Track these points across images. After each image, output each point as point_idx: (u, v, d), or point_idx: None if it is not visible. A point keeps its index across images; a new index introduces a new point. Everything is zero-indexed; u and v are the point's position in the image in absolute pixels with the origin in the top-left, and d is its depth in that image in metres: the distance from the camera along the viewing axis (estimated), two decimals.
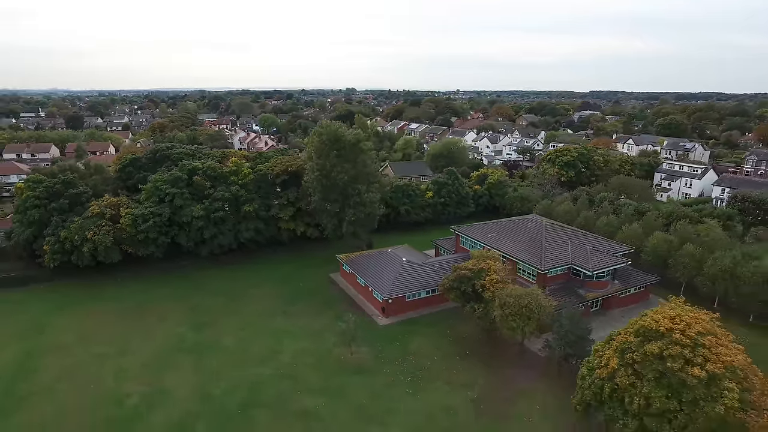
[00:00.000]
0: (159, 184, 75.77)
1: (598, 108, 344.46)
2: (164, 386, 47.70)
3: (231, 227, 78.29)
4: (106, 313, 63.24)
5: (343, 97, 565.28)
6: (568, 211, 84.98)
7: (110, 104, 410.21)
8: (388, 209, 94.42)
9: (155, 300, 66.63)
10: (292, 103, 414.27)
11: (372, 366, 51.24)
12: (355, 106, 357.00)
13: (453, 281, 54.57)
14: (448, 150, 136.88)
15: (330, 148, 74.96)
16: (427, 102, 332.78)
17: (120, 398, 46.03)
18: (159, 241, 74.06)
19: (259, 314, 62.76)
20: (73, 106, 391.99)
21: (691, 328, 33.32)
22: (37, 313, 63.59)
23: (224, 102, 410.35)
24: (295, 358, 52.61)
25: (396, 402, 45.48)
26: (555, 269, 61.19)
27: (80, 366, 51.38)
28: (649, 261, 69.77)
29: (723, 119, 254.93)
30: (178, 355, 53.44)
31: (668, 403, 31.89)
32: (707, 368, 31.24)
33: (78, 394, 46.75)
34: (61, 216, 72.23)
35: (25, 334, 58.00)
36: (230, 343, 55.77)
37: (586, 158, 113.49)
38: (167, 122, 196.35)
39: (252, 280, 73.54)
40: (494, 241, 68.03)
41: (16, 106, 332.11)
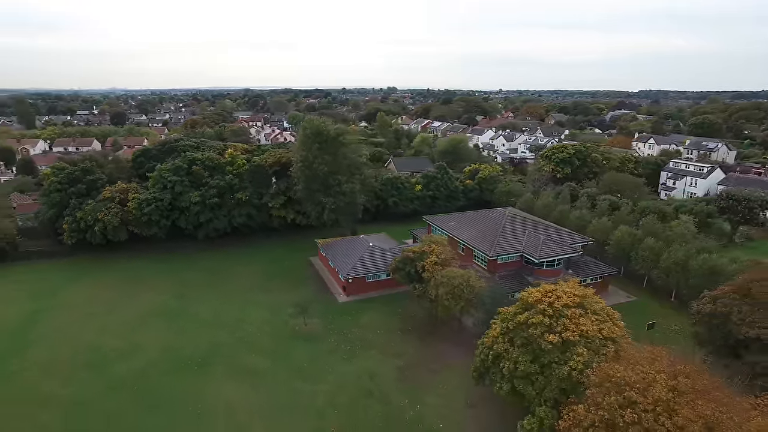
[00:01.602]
0: (163, 173, 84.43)
1: (635, 107, 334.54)
2: (137, 342, 55.38)
3: (226, 213, 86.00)
4: (108, 282, 72.25)
5: (381, 96, 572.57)
6: (546, 205, 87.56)
7: (158, 102, 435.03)
8: (377, 201, 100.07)
9: (151, 273, 75.19)
10: (327, 101, 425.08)
11: (320, 335, 57.04)
12: (387, 104, 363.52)
13: (399, 262, 59.53)
14: (454, 147, 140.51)
15: (312, 141, 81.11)
16: (457, 101, 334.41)
17: (98, 348, 54.03)
18: (161, 223, 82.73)
19: (236, 289, 69.84)
20: (125, 104, 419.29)
21: (560, 300, 37.09)
22: (53, 280, 73.40)
23: (263, 100, 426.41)
24: (255, 327, 59.18)
25: (331, 365, 51.07)
26: (505, 256, 64.81)
27: (74, 322, 60.03)
28: (613, 254, 72.00)
29: (766, 118, 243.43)
30: (156, 318, 61.19)
31: (531, 367, 35.87)
32: (563, 335, 35.06)
33: (67, 343, 55.18)
34: (78, 199, 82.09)
35: (40, 297, 67.60)
36: (204, 312, 63.06)
37: (583, 155, 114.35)
38: (200, 119, 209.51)
39: (240, 260, 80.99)
40: (454, 229, 72.25)
41: (74, 105, 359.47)
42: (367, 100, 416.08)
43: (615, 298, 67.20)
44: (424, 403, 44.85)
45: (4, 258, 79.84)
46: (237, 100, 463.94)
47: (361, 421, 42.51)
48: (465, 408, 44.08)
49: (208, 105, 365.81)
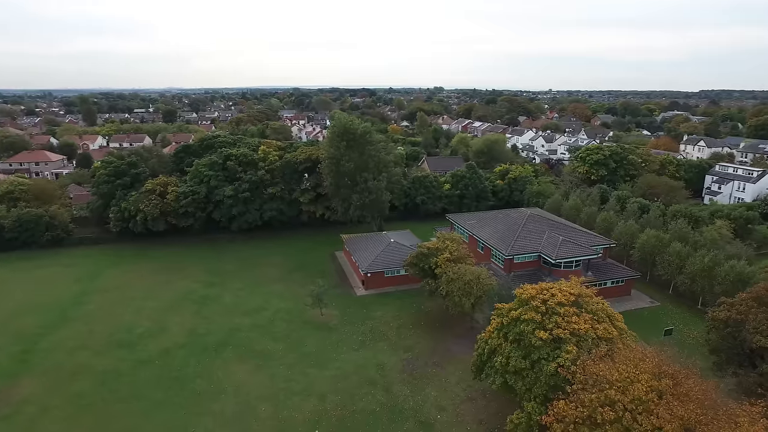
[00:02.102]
0: (200, 167, 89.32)
1: (690, 108, 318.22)
2: (166, 324, 59.44)
3: (257, 207, 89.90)
4: (145, 269, 77.47)
5: (426, 95, 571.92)
6: (573, 207, 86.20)
7: (208, 101, 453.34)
8: (405, 199, 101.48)
9: (184, 262, 79.88)
10: (371, 101, 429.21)
11: (334, 325, 59.19)
12: (431, 104, 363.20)
13: (414, 258, 60.72)
14: (488, 147, 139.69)
15: (340, 138, 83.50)
16: (502, 101, 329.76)
17: (132, 328, 58.43)
18: (197, 215, 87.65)
19: (262, 279, 73.21)
20: (179, 102, 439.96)
21: (554, 298, 37.33)
22: (98, 265, 79.47)
23: (309, 99, 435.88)
24: (274, 314, 62.09)
25: (339, 354, 53.08)
26: (522, 256, 64.73)
27: (113, 304, 65.00)
28: (638, 258, 70.27)
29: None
30: (186, 303, 65.24)
31: (522, 363, 36.36)
32: (554, 332, 35.37)
33: (105, 322, 59.98)
34: (123, 190, 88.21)
35: (85, 279, 73.50)
36: (228, 299, 66.65)
37: (619, 157, 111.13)
38: (245, 117, 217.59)
39: (268, 252, 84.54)
40: (474, 227, 72.63)
41: (133, 103, 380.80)
42: (411, 100, 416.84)
43: (637, 302, 65.76)
44: (425, 394, 46.00)
45: (60, 243, 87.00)
46: (284, 99, 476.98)
47: (361, 407, 44.19)
48: (464, 401, 44.88)
49: (256, 103, 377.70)
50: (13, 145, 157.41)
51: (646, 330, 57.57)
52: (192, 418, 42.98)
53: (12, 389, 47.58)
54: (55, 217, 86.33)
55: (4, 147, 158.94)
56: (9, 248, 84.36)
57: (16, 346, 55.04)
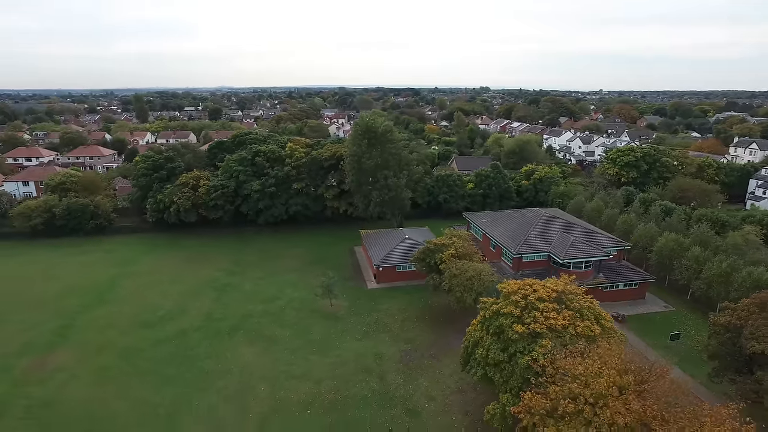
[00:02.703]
0: (230, 163, 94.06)
1: (749, 109, 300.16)
2: (186, 307, 63.75)
3: (283, 201, 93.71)
4: (176, 257, 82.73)
5: (472, 95, 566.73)
6: (595, 209, 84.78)
7: (255, 100, 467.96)
8: (429, 197, 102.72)
9: (211, 252, 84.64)
10: (413, 100, 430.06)
11: (341, 316, 61.60)
12: (473, 104, 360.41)
13: (421, 253, 62.19)
14: (520, 147, 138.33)
15: (362, 136, 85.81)
16: (545, 101, 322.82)
17: (156, 310, 63.08)
18: (226, 208, 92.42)
19: (280, 269, 76.66)
20: (228, 101, 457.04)
21: (535, 294, 38.07)
22: (133, 251, 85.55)
23: (353, 98, 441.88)
24: (286, 303, 65.21)
25: (342, 342, 55.40)
26: (531, 255, 64.81)
27: (142, 287, 70.16)
28: (656, 261, 68.72)
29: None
30: (208, 289, 69.48)
31: (500, 355, 37.33)
32: (530, 327, 36.17)
33: (133, 303, 65.04)
34: (160, 183, 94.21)
35: (121, 264, 79.46)
36: (247, 287, 70.41)
37: (652, 159, 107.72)
38: (285, 115, 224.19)
39: (290, 244, 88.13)
40: (487, 226, 73.14)
41: (184, 102, 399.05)
42: (453, 100, 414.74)
43: (651, 306, 64.54)
44: (417, 384, 47.55)
45: (102, 231, 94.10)
46: (328, 98, 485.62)
47: (353, 392, 46.28)
48: (454, 392, 46.11)
49: (300, 102, 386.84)
50: (72, 141, 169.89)
51: (655, 334, 56.81)
52: (197, 393, 46.44)
53: (48, 358, 52.84)
54: (99, 207, 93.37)
55: (65, 142, 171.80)
56: (60, 234, 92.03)
57: (57, 322, 60.71)
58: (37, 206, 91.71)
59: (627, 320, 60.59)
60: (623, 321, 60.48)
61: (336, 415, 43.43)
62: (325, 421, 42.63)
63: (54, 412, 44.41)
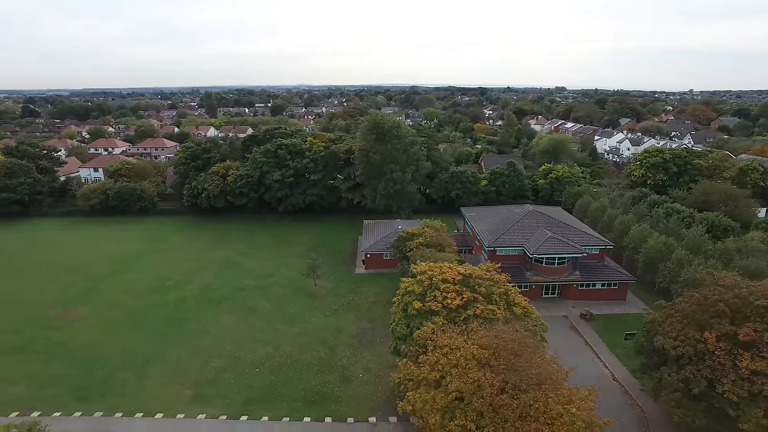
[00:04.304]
0: (256, 155, 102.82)
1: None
2: (192, 279, 72.39)
3: (301, 191, 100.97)
4: (200, 237, 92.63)
5: (542, 95, 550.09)
6: (599, 209, 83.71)
7: (325, 97, 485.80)
8: (443, 192, 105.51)
9: (231, 234, 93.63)
10: (477, 99, 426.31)
11: (321, 295, 67.18)
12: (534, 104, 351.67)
13: (395, 241, 66.21)
14: (553, 146, 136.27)
15: (371, 131, 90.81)
16: (612, 101, 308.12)
17: (166, 279, 72.30)
18: (250, 195, 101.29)
19: (285, 252, 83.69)
20: (301, 99, 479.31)
21: (442, 275, 41.28)
22: (166, 231, 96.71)
23: (417, 96, 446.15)
24: (278, 281, 71.91)
25: (311, 317, 60.99)
26: (505, 249, 66.47)
27: (163, 261, 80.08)
28: (643, 263, 67.71)
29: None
30: (215, 265, 77.93)
31: (405, 330, 41.07)
32: (427, 304, 39.58)
33: (150, 274, 74.83)
34: (196, 171, 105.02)
35: (152, 241, 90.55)
36: (250, 265, 78.03)
37: (683, 161, 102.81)
38: (339, 112, 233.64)
39: (302, 231, 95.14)
40: (473, 220, 75.31)
41: (256, 98, 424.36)
42: (517, 100, 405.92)
43: (628, 307, 64.13)
44: (361, 357, 51.99)
45: (146, 212, 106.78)
46: (395, 96, 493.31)
47: (303, 358, 51.68)
48: (389, 367, 49.95)
49: (364, 100, 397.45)
50: (144, 133, 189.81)
51: (616, 334, 56.83)
52: (173, 347, 54.11)
53: (70, 311, 63.19)
54: (145, 191, 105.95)
55: (139, 135, 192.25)
56: (111, 213, 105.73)
57: (85, 284, 71.62)
58: (96, 189, 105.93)
59: (594, 319, 60.89)
60: (591, 319, 60.89)
61: (280, 374, 49.10)
62: (269, 379, 48.42)
63: (62, 350, 54.00)
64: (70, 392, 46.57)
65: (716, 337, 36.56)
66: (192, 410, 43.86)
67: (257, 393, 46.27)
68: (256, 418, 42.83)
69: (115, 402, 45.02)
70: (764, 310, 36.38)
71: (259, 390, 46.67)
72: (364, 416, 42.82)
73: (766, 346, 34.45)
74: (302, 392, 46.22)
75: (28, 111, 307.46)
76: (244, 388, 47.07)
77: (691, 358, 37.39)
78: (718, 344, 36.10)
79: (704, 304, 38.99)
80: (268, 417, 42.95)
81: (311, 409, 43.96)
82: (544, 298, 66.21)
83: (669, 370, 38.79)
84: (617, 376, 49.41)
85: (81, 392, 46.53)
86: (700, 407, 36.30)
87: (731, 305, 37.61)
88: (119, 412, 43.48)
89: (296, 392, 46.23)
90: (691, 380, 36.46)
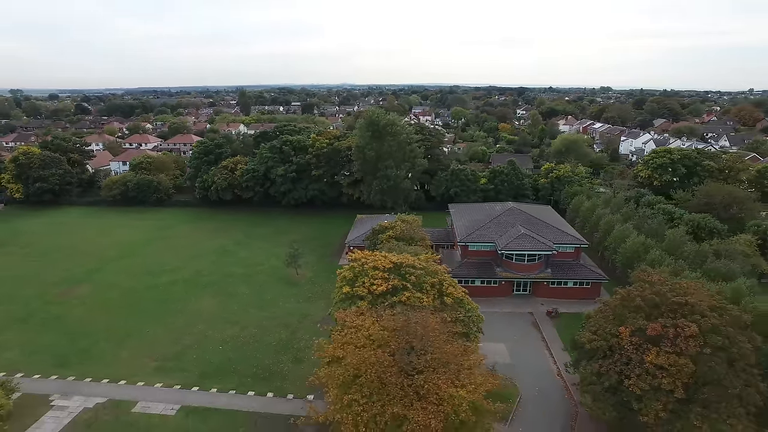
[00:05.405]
0: (263, 150, 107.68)
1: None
2: (185, 265, 77.54)
3: (304, 186, 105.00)
4: (205, 227, 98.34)
5: (580, 95, 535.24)
6: (589, 209, 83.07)
7: (361, 96, 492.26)
8: (443, 190, 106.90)
9: (234, 225, 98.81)
10: (512, 99, 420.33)
11: (300, 283, 70.67)
12: (566, 104, 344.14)
13: (371, 234, 68.66)
14: (566, 146, 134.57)
15: (366, 129, 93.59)
16: (650, 102, 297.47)
17: (163, 265, 77.79)
18: (256, 189, 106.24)
19: (279, 243, 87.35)
20: (339, 97, 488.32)
21: (375, 263, 43.62)
22: (176, 220, 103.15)
23: (450, 96, 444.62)
24: (264, 269, 75.98)
25: (285, 303, 64.52)
26: (477, 245, 67.64)
27: (166, 248, 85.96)
28: (621, 263, 67.28)
29: None
30: (211, 254, 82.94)
31: None
32: (354, 289, 42.13)
33: (150, 259, 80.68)
34: (208, 165, 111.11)
35: (161, 229, 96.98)
36: (243, 255, 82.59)
37: (692, 162, 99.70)
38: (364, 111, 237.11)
39: (300, 223, 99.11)
40: (454, 215, 76.74)
41: (292, 97, 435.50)
42: (553, 100, 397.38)
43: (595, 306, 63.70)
44: (318, 340, 54.85)
45: (162, 203, 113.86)
46: (430, 96, 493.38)
47: (264, 339, 55.25)
48: None
49: (396, 99, 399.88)
50: (177, 130, 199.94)
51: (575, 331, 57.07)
52: (152, 324, 58.93)
53: (73, 289, 69.50)
54: (161, 183, 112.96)
55: (172, 131, 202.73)
56: (131, 203, 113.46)
57: (92, 265, 78.18)
58: (117, 180, 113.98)
59: (560, 316, 61.32)
60: (556, 317, 61.42)
61: (240, 353, 52.82)
62: (228, 356, 52.24)
63: (58, 323, 59.94)
64: (54, 358, 51.97)
65: (631, 331, 37.25)
66: (152, 379, 48.17)
67: (214, 368, 50.11)
68: (206, 389, 46.61)
69: (88, 369, 49.97)
70: (677, 306, 36.72)
71: (217, 365, 50.51)
72: (303, 394, 45.79)
73: (671, 341, 34.86)
74: (254, 369, 49.71)
75: (80, 109, 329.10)
76: (204, 363, 51.05)
77: (605, 353, 38.16)
78: (631, 339, 36.78)
79: (626, 300, 39.59)
80: (217, 389, 46.64)
81: (258, 385, 47.39)
82: (515, 295, 67.04)
83: (587, 363, 39.64)
84: (563, 371, 50.04)
85: (62, 359, 51.84)
86: (611, 400, 37.05)
87: (648, 301, 38.11)
88: (89, 377, 48.32)
89: (249, 369, 49.76)
90: (603, 374, 37.29)
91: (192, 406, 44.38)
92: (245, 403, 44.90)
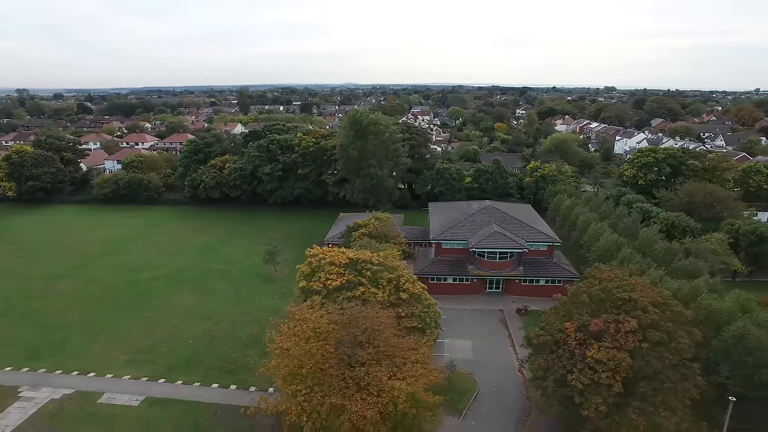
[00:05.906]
0: (250, 149, 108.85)
1: None
2: (167, 262, 78.83)
3: (290, 184, 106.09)
4: (192, 225, 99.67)
5: (582, 95, 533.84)
6: (569, 207, 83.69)
7: (363, 96, 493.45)
8: (428, 188, 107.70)
9: (221, 223, 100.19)
10: (513, 99, 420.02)
11: (277, 280, 71.77)
12: (565, 104, 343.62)
13: (345, 232, 69.67)
14: (555, 145, 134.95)
15: (349, 128, 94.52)
16: (650, 101, 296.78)
17: (146, 261, 79.11)
18: (243, 188, 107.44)
19: (263, 241, 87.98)
20: (341, 96, 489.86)
21: (333, 258, 44.60)
22: (164, 218, 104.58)
23: (450, 95, 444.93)
24: (243, 266, 77.16)
25: (260, 299, 65.62)
26: (449, 242, 68.42)
27: (150, 245, 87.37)
28: (593, 260, 67.71)
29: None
30: (193, 251, 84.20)
31: None
32: (310, 284, 43.13)
33: (134, 256, 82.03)
34: (197, 164, 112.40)
35: (148, 227, 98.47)
36: (224, 251, 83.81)
37: (677, 162, 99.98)
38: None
39: (285, 221, 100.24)
40: (432, 214, 77.54)
41: (294, 96, 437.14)
42: (553, 100, 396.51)
43: None
44: None
45: (152, 201, 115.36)
46: (432, 96, 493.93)
47: (234, 334, 56.39)
48: None
49: (397, 98, 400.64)
50: (174, 129, 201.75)
51: None
52: (128, 318, 60.18)
53: (56, 284, 70.93)
54: (151, 182, 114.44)
55: (169, 130, 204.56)
56: (122, 201, 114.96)
57: (77, 262, 79.60)
58: (108, 179, 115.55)
59: (530, 314, 61.97)
60: (525, 314, 62.12)
61: (209, 346, 53.96)
62: (198, 349, 53.40)
63: (36, 317, 61.26)
64: (27, 351, 53.27)
65: (576, 327, 37.96)
66: (121, 371, 49.38)
67: (182, 361, 51.28)
68: (172, 382, 47.75)
69: (60, 361, 51.22)
70: (621, 302, 37.40)
71: (185, 358, 51.67)
72: (265, 387, 46.72)
73: (612, 336, 35.56)
74: (221, 363, 50.83)
75: (82, 108, 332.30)
76: (173, 356, 52.23)
77: (551, 348, 38.88)
78: (575, 334, 37.49)
79: (574, 296, 40.31)
80: (182, 381, 47.78)
81: (223, 377, 48.50)
82: (487, 292, 67.79)
83: (535, 359, 40.40)
84: (524, 368, 50.73)
85: (35, 352, 53.13)
86: (558, 395, 37.77)
87: (594, 297, 38.80)
88: (59, 370, 49.57)
89: (216, 362, 50.89)
90: (548, 369, 38.02)
91: (156, 397, 45.54)
92: (208, 394, 46.01)
